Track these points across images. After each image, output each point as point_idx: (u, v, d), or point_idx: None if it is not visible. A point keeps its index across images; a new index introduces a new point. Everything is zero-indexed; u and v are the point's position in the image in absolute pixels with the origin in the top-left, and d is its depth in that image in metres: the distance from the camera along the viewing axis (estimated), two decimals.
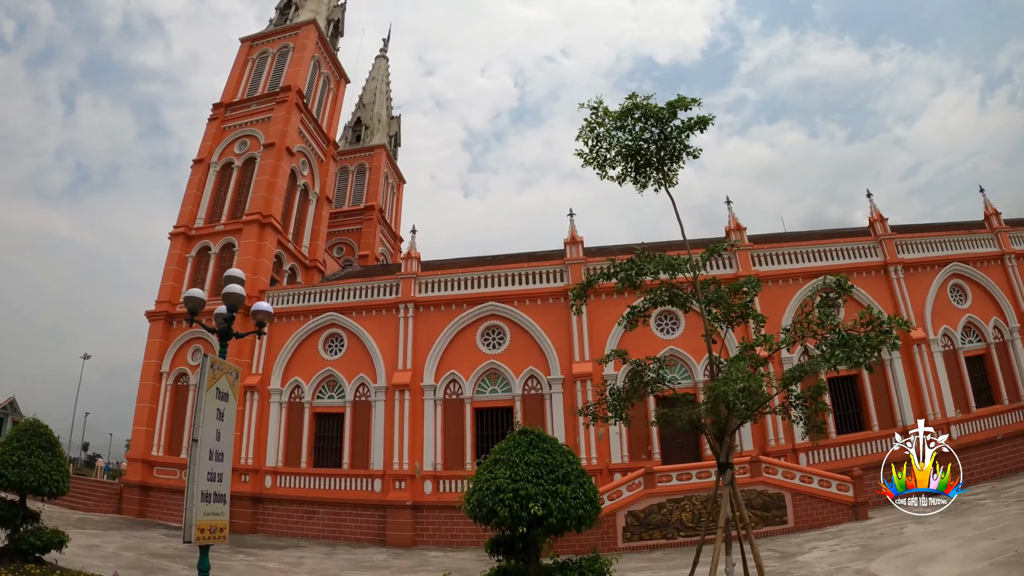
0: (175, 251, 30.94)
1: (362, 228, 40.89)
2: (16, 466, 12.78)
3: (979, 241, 27.54)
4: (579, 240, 27.74)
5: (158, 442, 28.74)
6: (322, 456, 27.57)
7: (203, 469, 9.23)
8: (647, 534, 21.30)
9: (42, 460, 13.21)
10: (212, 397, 10.03)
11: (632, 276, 11.51)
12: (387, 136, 45.52)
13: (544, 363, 26.23)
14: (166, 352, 29.74)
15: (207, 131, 33.58)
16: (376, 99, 46.60)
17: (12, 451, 13.00)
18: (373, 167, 43.81)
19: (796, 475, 21.69)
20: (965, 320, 26.19)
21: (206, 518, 9.36)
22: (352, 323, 28.17)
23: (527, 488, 8.59)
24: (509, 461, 9.07)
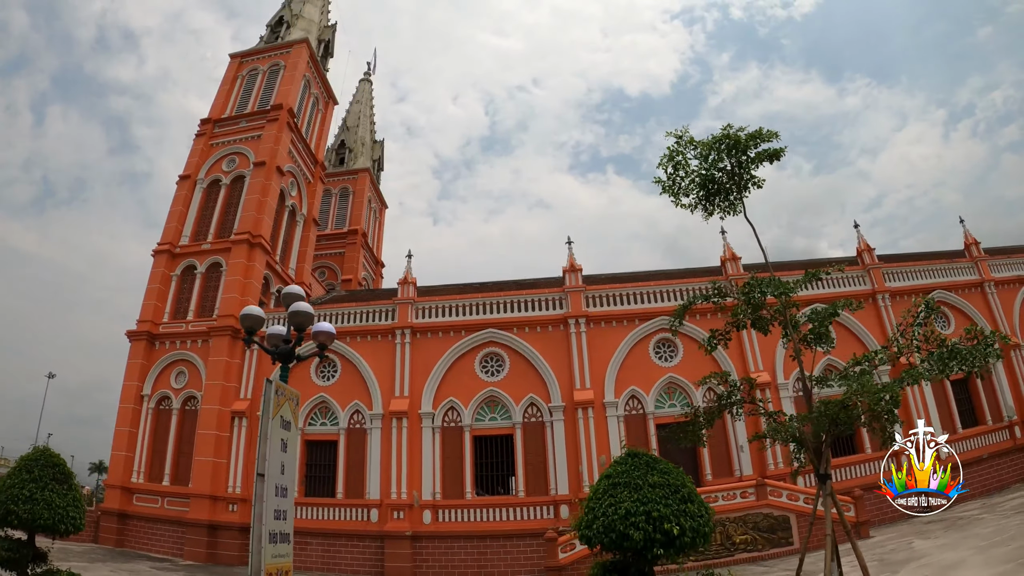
0: (158, 269, 29.81)
1: (345, 252, 40.26)
2: (28, 501, 11.64)
3: (960, 270, 28.86)
4: (578, 268, 27.96)
5: (138, 468, 27.43)
6: (314, 485, 26.78)
7: (270, 506, 8.66)
8: (679, 558, 21.36)
9: (57, 494, 12.04)
10: (276, 426, 9.55)
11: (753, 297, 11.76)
12: (371, 160, 45.12)
13: (544, 390, 26.21)
14: (148, 374, 28.52)
15: (194, 147, 32.64)
16: (360, 122, 46.18)
17: (22, 484, 11.81)
18: (357, 191, 43.35)
19: (800, 497, 22.22)
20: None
21: (274, 560, 8.77)
22: (347, 348, 27.59)
23: (659, 509, 8.58)
24: (632, 484, 9.03)
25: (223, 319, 28.11)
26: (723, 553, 21.31)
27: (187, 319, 29.23)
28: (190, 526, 25.38)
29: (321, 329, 11.21)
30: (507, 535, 24.20)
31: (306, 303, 10.71)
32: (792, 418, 11.71)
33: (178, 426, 27.84)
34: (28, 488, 11.69)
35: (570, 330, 26.72)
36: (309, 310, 10.66)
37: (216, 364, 27.48)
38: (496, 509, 24.79)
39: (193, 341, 28.67)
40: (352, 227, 41.80)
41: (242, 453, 26.73)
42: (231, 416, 27.08)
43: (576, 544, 21.81)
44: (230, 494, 26.09)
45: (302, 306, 10.61)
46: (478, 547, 24.21)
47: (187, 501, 26.17)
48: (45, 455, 12.54)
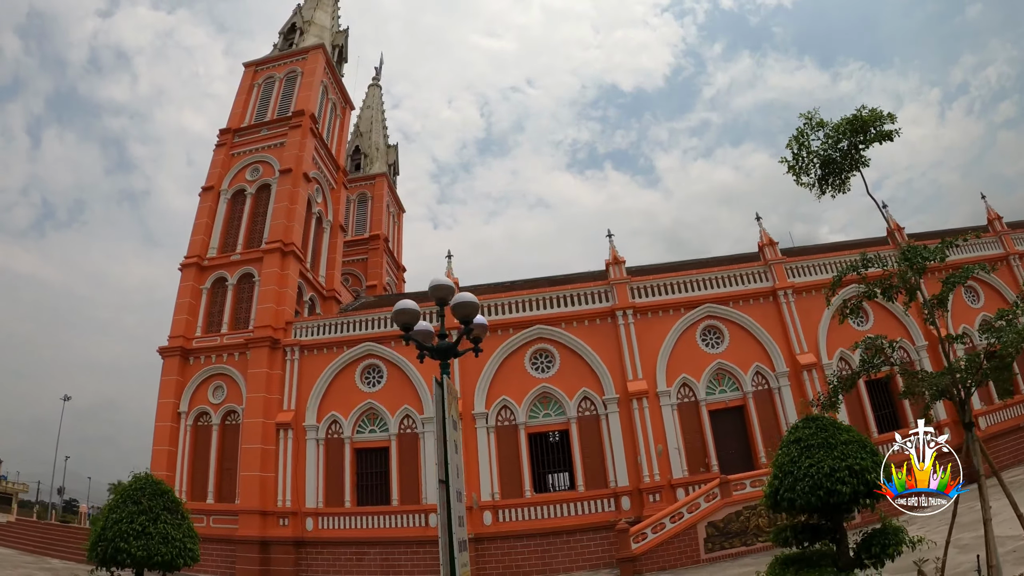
0: (187, 283, 29.00)
1: (368, 258, 39.73)
2: (140, 536, 10.50)
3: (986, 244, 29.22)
4: (621, 260, 27.93)
5: (180, 488, 26.46)
6: (366, 494, 26.24)
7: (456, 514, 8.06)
8: (727, 543, 21.53)
9: (171, 526, 11.05)
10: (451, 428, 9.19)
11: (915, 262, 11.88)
12: (386, 164, 44.68)
13: (597, 383, 26.10)
14: (184, 390, 27.67)
15: (214, 157, 31.90)
16: (373, 127, 45.73)
17: (131, 517, 10.70)
18: (375, 196, 42.87)
19: None
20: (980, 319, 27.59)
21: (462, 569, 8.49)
22: (392, 353, 27.16)
23: (860, 463, 8.61)
24: (826, 444, 8.99)
25: (260, 329, 27.45)
26: None
27: (221, 332, 28.48)
28: (240, 543, 24.67)
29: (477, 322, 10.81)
30: (569, 530, 24.02)
31: (471, 295, 10.29)
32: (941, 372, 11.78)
33: (219, 442, 27.05)
34: (139, 521, 10.65)
35: (618, 322, 26.67)
36: (473, 300, 10.23)
37: (256, 376, 26.80)
38: (556, 505, 24.60)
39: (230, 354, 27.93)
40: (373, 232, 41.37)
41: (289, 466, 26.12)
42: (276, 428, 26.42)
43: (648, 534, 21.79)
44: (280, 508, 25.44)
45: (466, 296, 10.14)
46: (541, 544, 23.98)
47: (235, 518, 25.41)
48: (151, 483, 11.51)
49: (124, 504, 10.90)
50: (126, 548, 10.25)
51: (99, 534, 10.48)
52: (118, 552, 10.26)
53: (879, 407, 25.89)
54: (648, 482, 24.32)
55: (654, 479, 24.31)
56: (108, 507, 11.05)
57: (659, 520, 21.67)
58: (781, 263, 27.34)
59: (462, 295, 10.12)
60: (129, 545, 10.27)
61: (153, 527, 10.66)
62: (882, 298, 13.24)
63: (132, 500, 10.89)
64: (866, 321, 26.79)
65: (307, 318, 29.44)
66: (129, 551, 10.26)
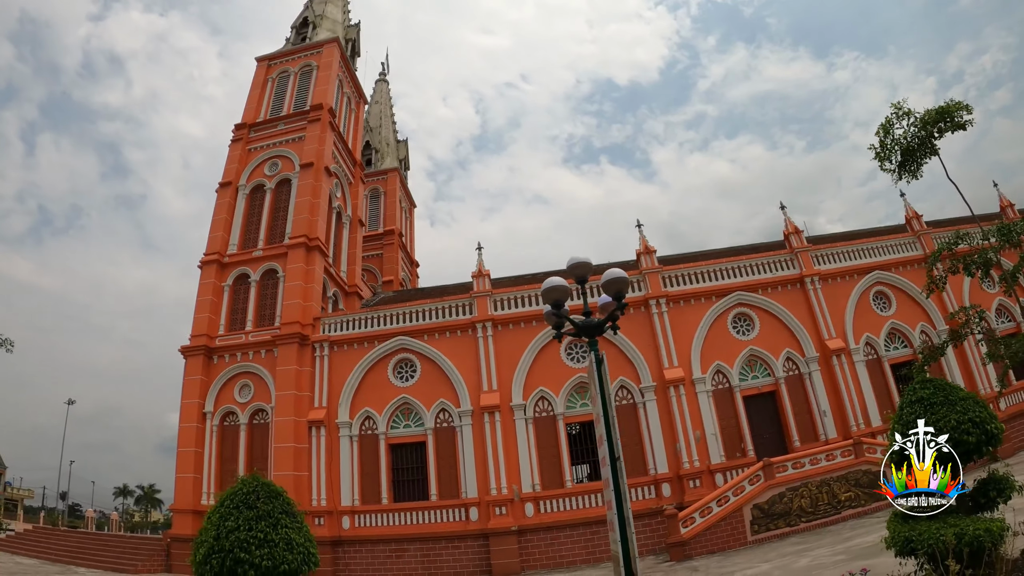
0: (208, 280, 28.27)
1: (384, 253, 39.27)
2: (263, 544, 9.54)
3: None
4: (652, 250, 28.09)
5: (208, 490, 25.81)
6: (402, 490, 25.88)
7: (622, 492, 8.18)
8: (772, 524, 21.75)
9: (292, 530, 10.20)
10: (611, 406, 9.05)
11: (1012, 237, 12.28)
12: (397, 159, 44.25)
13: (634, 372, 26.19)
14: (208, 390, 26.96)
15: (231, 153, 31.20)
16: (382, 123, 45.25)
17: (248, 524, 9.71)
18: (388, 191, 42.46)
19: None
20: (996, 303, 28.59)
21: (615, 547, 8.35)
22: (425, 346, 26.88)
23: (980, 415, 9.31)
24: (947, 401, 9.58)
25: (287, 326, 26.89)
26: (830, 511, 21.82)
27: (246, 330, 27.85)
28: None
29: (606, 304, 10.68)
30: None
31: (620, 270, 10.24)
32: None
33: (247, 442, 26.43)
34: (260, 528, 9.65)
35: (651, 311, 26.81)
36: (624, 276, 10.18)
37: (285, 374, 26.25)
38: (598, 495, 24.48)
39: (256, 352, 27.30)
40: (387, 228, 40.98)
41: (323, 464, 25.63)
42: (308, 426, 25.93)
43: (696, 518, 21.92)
44: (315, 507, 24.92)
45: (617, 272, 10.10)
46: (584, 534, 23.95)
47: None
48: (264, 485, 10.57)
49: (238, 510, 9.85)
50: (247, 559, 9.23)
51: (212, 545, 9.42)
52: (238, 563, 9.21)
53: (904, 390, 26.44)
54: (688, 468, 24.47)
55: (693, 465, 24.46)
56: (217, 514, 10.04)
57: (706, 504, 21.79)
58: (807, 251, 27.78)
59: (613, 271, 10.11)
60: (251, 555, 9.28)
61: (275, 533, 9.69)
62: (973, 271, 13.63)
63: (246, 504, 9.91)
64: (889, 307, 27.49)
65: (335, 313, 28.96)
66: (251, 561, 9.26)
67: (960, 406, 9.51)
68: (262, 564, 9.17)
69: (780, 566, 16.94)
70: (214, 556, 9.22)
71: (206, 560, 9.27)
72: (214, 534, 9.42)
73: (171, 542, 25.17)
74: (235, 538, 9.22)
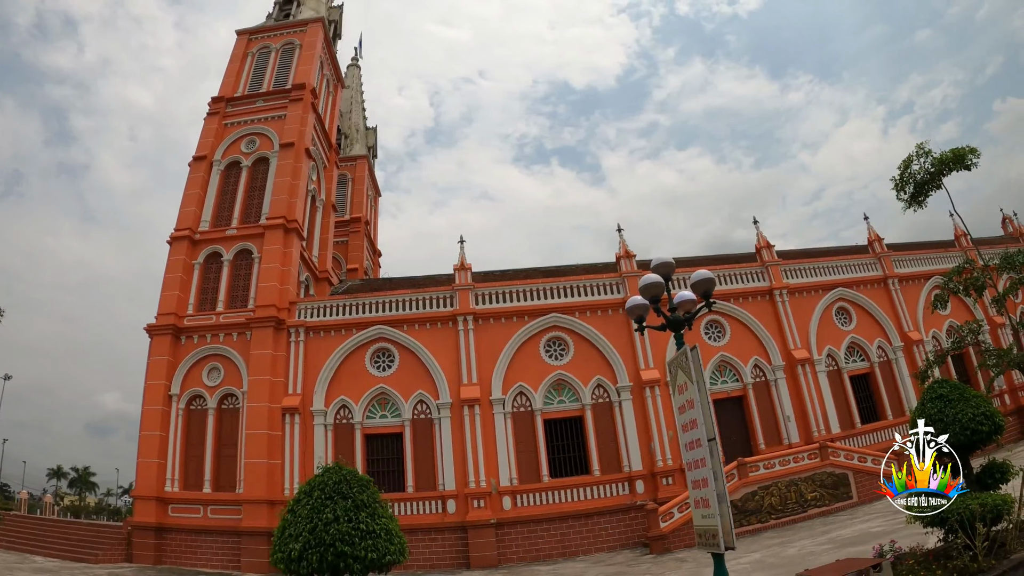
0: (178, 257, 26.93)
1: (349, 241, 38.30)
2: (367, 535, 9.15)
3: None
4: (632, 255, 28.82)
5: (172, 476, 24.66)
6: (377, 481, 25.20)
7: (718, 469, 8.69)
8: (745, 520, 22.87)
9: (389, 519, 9.97)
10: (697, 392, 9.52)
11: (1016, 262, 13.55)
12: (366, 147, 43.22)
13: (611, 372, 26.79)
14: (175, 372, 25.73)
15: (206, 126, 29.80)
16: (352, 108, 44.11)
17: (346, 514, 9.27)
18: (356, 178, 41.48)
19: (855, 456, 24.48)
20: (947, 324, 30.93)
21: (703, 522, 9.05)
22: (405, 336, 26.60)
23: (990, 409, 11.21)
24: (962, 398, 11.35)
25: (263, 309, 26.00)
26: (797, 510, 23.18)
27: (216, 310, 26.71)
28: (248, 535, 23.21)
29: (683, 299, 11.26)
30: (587, 514, 24.51)
31: (709, 272, 10.82)
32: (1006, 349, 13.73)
33: (216, 426, 25.39)
34: (362, 519, 9.23)
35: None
36: (711, 276, 10.78)
37: (260, 359, 25.39)
38: (573, 490, 25.01)
39: (227, 334, 26.26)
40: (354, 215, 40.09)
41: (297, 452, 24.95)
42: (282, 413, 25.15)
43: (674, 513, 22.74)
44: (288, 497, 24.07)
45: (704, 274, 10.74)
46: (560, 528, 24.32)
47: (236, 508, 23.96)
48: (352, 473, 10.09)
49: (332, 500, 9.28)
50: (351, 552, 8.77)
51: (308, 539, 8.82)
52: (341, 557, 8.71)
53: (861, 400, 28.35)
54: (661, 466, 25.28)
55: (667, 463, 25.29)
56: (307, 506, 9.41)
57: (684, 500, 22.62)
58: (778, 265, 29.25)
59: (700, 272, 10.85)
60: (355, 547, 8.81)
61: (375, 523, 9.30)
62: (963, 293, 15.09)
63: (339, 494, 9.36)
64: (850, 322, 29.38)
65: (311, 298, 28.22)
66: (356, 554, 8.80)
67: (973, 402, 11.29)
68: (368, 557, 8.78)
69: (771, 555, 17.94)
70: (312, 551, 8.65)
71: (302, 556, 8.67)
72: (309, 527, 8.79)
73: (132, 530, 23.84)
74: (335, 530, 8.73)
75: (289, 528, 8.98)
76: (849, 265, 30.57)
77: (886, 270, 30.65)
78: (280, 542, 8.99)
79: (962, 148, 14.08)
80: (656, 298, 10.57)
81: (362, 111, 45.67)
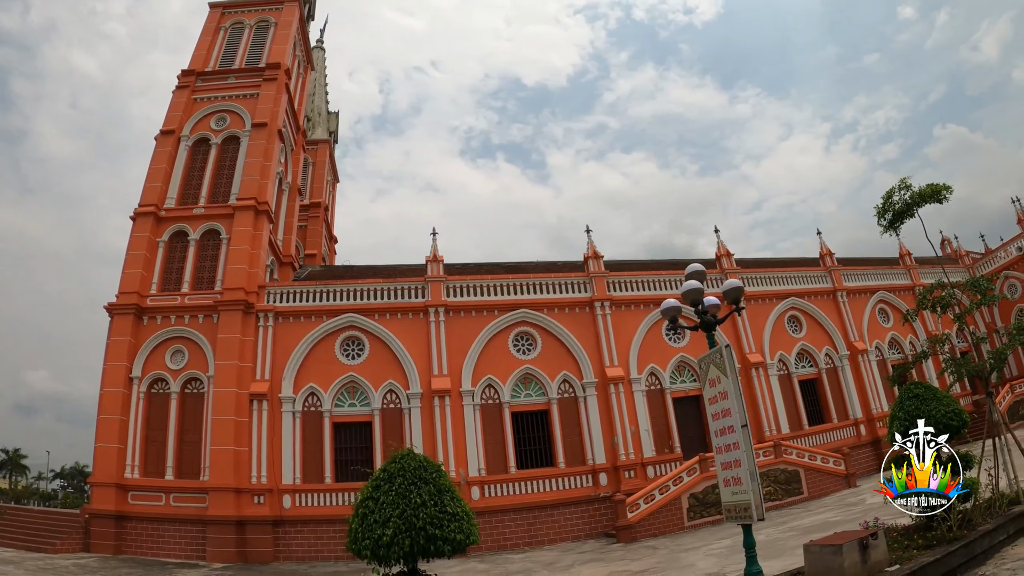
0: (142, 234, 25.79)
1: (308, 226, 37.31)
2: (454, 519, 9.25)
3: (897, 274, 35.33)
4: (600, 256, 29.68)
5: (132, 462, 23.72)
6: (346, 469, 25.34)
7: (750, 452, 9.94)
8: (706, 511, 24.19)
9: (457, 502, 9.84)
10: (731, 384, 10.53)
11: (980, 285, 15.47)
12: (327, 131, 42.14)
13: (576, 368, 27.59)
14: (137, 353, 24.72)
15: (175, 100, 28.55)
16: (316, 91, 42.78)
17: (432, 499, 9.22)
18: (317, 162, 40.43)
19: (805, 455, 26.23)
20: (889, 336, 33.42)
21: (734, 498, 10.22)
22: (376, 325, 26.52)
23: (958, 407, 13.07)
24: (935, 397, 13.09)
25: (231, 292, 25.33)
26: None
27: (181, 291, 25.80)
28: (213, 524, 22.62)
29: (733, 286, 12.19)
30: (553, 504, 25.26)
31: (737, 281, 11.97)
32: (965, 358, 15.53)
33: (179, 412, 24.58)
34: (446, 502, 9.28)
35: (596, 312, 28.36)
36: (740, 285, 11.98)
37: (228, 343, 24.75)
38: (540, 481, 25.67)
39: (192, 316, 25.42)
40: (314, 200, 39.19)
41: (264, 440, 24.50)
42: (249, 399, 24.63)
43: (640, 504, 23.76)
44: (255, 485, 23.76)
45: (735, 283, 11.92)
46: (527, 518, 24.96)
47: (200, 496, 23.32)
48: (426, 459, 10.04)
49: (416, 485, 9.27)
50: (441, 534, 8.90)
51: (399, 524, 8.81)
52: (432, 540, 8.84)
53: (809, 404, 30.37)
54: (624, 460, 26.28)
55: (629, 457, 26.33)
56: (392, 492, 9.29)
57: (650, 492, 23.71)
58: (736, 272, 30.81)
59: (731, 282, 12.18)
60: (444, 530, 8.94)
61: (458, 506, 9.41)
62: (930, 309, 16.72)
63: (421, 480, 9.37)
64: (800, 330, 31.50)
65: (282, 284, 27.64)
66: (445, 536, 8.93)
67: (944, 401, 13.04)
68: (457, 538, 8.94)
69: (742, 541, 19.11)
70: (402, 535, 8.72)
71: (394, 540, 8.71)
72: (398, 512, 8.82)
73: (90, 518, 22.79)
74: (425, 514, 8.83)
75: (372, 515, 9.03)
76: (802, 276, 32.61)
77: (835, 283, 32.86)
78: (364, 529, 9.02)
79: (937, 184, 15.43)
80: (696, 302, 11.47)
81: (325, 95, 44.67)
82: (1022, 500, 12.97)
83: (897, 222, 16.27)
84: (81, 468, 66.96)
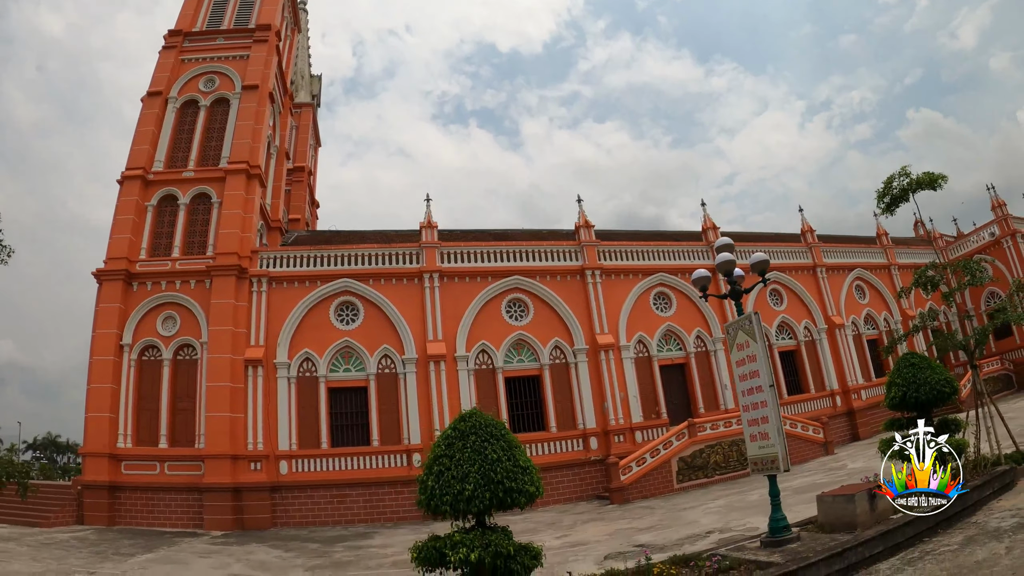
0: (130, 198, 25.19)
1: (292, 190, 36.65)
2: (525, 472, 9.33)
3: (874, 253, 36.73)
4: (591, 225, 30.01)
5: (124, 431, 23.49)
6: (341, 434, 25.52)
7: (776, 409, 11.09)
8: (693, 475, 25.14)
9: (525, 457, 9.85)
10: (760, 349, 11.39)
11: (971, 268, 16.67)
12: (310, 95, 41.19)
13: (568, 335, 28.07)
14: (127, 320, 24.34)
15: (161, 60, 27.68)
16: (299, 54, 41.60)
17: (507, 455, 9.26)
18: (301, 126, 39.45)
19: (787, 423, 27.24)
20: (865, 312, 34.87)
21: (760, 452, 11.40)
22: (370, 290, 26.54)
23: (948, 376, 14.19)
24: (930, 366, 14.17)
25: (224, 256, 25.02)
26: (738, 467, 25.58)
27: (172, 256, 25.38)
28: (209, 491, 22.62)
29: (760, 259, 13.13)
30: (546, 467, 25.49)
31: (764, 254, 12.85)
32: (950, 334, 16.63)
33: (171, 378, 24.36)
34: (518, 456, 9.40)
35: (587, 280, 28.80)
36: (766, 259, 13.02)
37: (221, 308, 24.53)
38: (534, 444, 26.09)
39: (184, 282, 25.06)
40: (298, 164, 38.46)
41: (260, 406, 24.48)
42: (244, 365, 24.52)
43: (633, 467, 24.51)
44: (251, 451, 23.79)
45: (762, 256, 12.98)
46: None
47: (195, 464, 23.27)
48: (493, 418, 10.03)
49: (489, 443, 9.32)
50: (517, 487, 9.06)
51: (478, 480, 8.94)
52: (509, 493, 8.99)
53: (788, 374, 31.53)
54: (614, 425, 26.96)
55: (619, 422, 27.02)
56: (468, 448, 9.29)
57: (641, 455, 24.48)
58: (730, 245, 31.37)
59: (758, 255, 13.21)
60: (519, 483, 9.10)
61: (526, 460, 9.52)
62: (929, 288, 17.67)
63: (492, 436, 9.43)
64: (781, 303, 32.48)
65: (275, 248, 27.36)
66: (520, 488, 9.11)
67: (937, 370, 14.16)
68: (529, 489, 9.11)
69: (737, 500, 20.09)
70: (484, 489, 8.84)
71: (474, 495, 8.80)
72: (476, 468, 8.92)
73: (83, 489, 22.53)
74: (502, 468, 8.97)
75: (449, 472, 9.26)
76: (784, 251, 33.48)
77: (815, 259, 33.90)
78: (443, 485, 9.25)
79: (934, 173, 16.32)
80: (728, 272, 12.38)
81: (308, 58, 43.72)
82: (1003, 462, 14.11)
83: (894, 205, 17.28)
84: (54, 439, 65.59)
